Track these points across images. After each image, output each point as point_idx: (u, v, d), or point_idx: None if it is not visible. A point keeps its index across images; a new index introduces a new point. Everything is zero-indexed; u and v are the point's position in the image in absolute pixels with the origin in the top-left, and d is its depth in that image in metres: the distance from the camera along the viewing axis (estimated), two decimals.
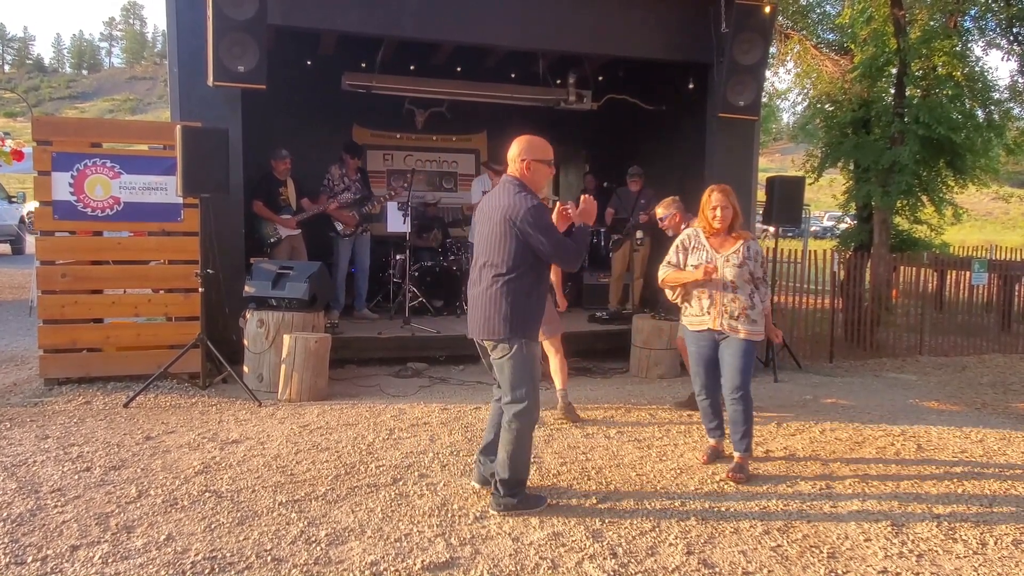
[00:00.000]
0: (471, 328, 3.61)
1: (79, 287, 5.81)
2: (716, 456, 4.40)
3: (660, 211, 5.50)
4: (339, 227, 7.50)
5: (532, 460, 3.84)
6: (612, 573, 3.01)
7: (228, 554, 3.05)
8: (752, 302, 4.10)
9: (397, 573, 2.95)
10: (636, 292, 8.21)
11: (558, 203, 3.76)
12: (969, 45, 10.46)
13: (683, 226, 5.38)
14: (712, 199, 4.17)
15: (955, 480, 4.25)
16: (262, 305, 5.90)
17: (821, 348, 8.16)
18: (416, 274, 8.11)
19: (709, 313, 4.15)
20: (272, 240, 7.10)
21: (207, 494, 3.66)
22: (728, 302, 4.09)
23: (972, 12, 10.51)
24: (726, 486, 4.01)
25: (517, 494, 3.55)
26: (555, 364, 5.16)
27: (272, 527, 3.32)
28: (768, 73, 10.55)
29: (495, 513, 3.51)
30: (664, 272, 4.34)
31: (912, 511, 3.76)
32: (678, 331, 5.68)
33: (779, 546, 3.31)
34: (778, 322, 7.35)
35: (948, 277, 9.85)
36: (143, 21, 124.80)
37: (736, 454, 4.18)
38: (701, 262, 4.16)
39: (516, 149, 3.59)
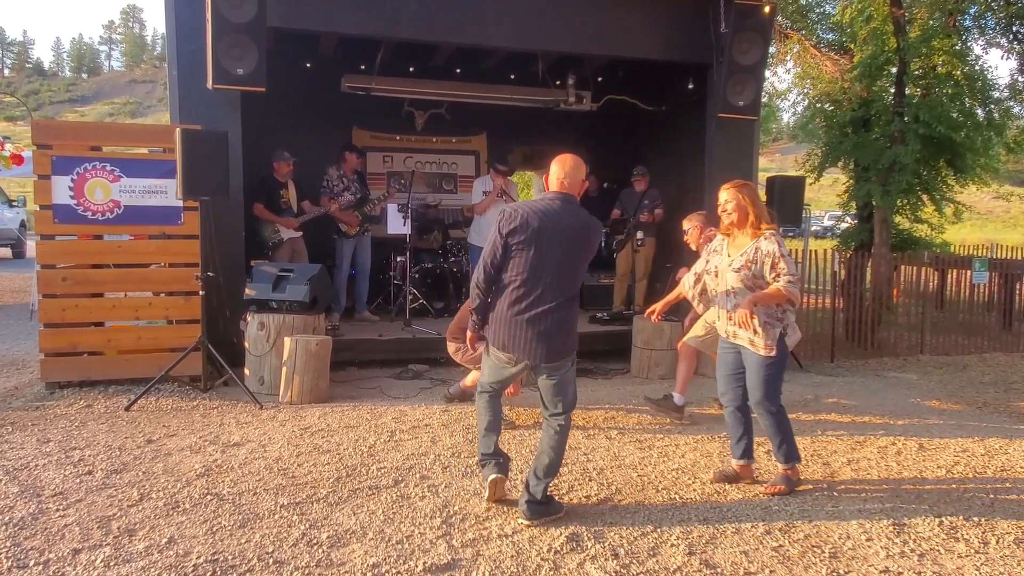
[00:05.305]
0: (537, 352, 3.43)
1: (80, 291, 5.82)
2: (726, 478, 4.06)
3: (684, 225, 5.55)
4: (343, 227, 7.51)
5: None
6: (614, 574, 3.01)
7: (230, 557, 3.05)
8: (758, 311, 3.77)
9: (399, 575, 2.95)
10: (640, 293, 8.20)
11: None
12: (969, 44, 10.49)
13: (701, 239, 5.37)
14: (719, 198, 3.94)
15: (957, 479, 4.25)
16: (263, 308, 5.90)
17: (822, 348, 8.16)
18: (417, 276, 8.12)
19: (720, 321, 4.00)
20: (273, 242, 7.11)
21: (209, 497, 3.66)
22: (731, 310, 3.84)
23: (972, 11, 10.52)
24: (728, 487, 4.01)
25: (552, 499, 3.56)
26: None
27: (274, 529, 3.32)
28: (768, 73, 10.56)
29: (526, 522, 3.42)
30: (684, 281, 4.29)
31: (914, 510, 3.75)
32: (681, 333, 5.70)
33: (781, 546, 3.31)
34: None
35: (949, 276, 9.86)
36: (142, 24, 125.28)
37: (779, 466, 4.02)
38: (705, 270, 4.07)
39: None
